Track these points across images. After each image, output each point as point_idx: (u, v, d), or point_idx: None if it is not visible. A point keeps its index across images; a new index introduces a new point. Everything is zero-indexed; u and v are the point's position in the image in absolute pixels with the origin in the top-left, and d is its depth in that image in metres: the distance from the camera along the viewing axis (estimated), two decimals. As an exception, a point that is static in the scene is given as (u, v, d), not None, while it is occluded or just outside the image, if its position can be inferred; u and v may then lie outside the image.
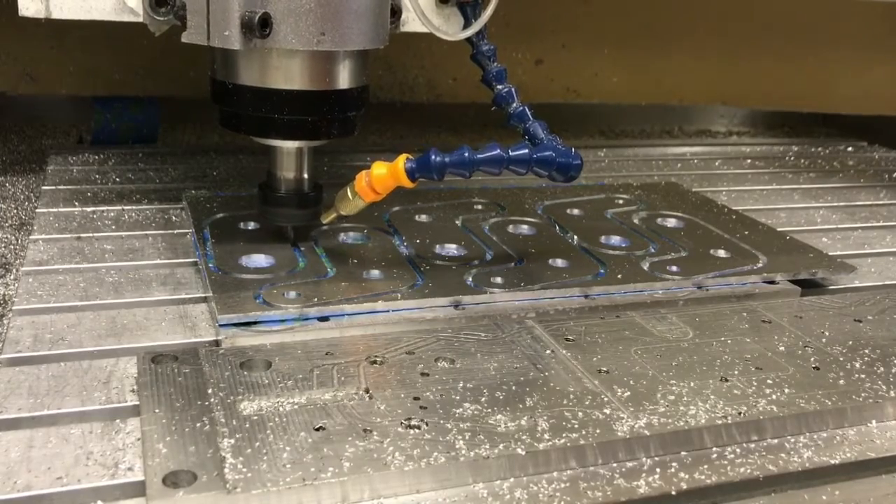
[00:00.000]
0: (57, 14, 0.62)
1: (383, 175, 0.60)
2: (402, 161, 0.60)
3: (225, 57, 0.62)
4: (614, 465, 0.44)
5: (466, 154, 0.60)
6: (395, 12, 0.68)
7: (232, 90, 0.62)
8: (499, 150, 0.60)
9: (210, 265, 0.63)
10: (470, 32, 0.68)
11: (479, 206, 0.81)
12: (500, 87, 0.70)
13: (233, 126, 0.64)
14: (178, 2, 0.61)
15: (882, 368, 0.54)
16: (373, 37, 0.62)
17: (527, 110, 0.68)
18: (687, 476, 0.43)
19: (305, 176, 0.67)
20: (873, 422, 0.50)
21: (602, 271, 0.67)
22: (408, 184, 0.60)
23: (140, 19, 0.62)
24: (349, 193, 0.63)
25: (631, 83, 1.26)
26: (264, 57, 0.60)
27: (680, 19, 1.23)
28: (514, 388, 0.49)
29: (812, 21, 1.26)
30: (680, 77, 1.27)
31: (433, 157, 0.59)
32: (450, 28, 0.71)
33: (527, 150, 0.61)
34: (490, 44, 0.70)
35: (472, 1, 0.70)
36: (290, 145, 0.65)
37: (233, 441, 0.42)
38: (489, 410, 0.46)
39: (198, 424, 0.43)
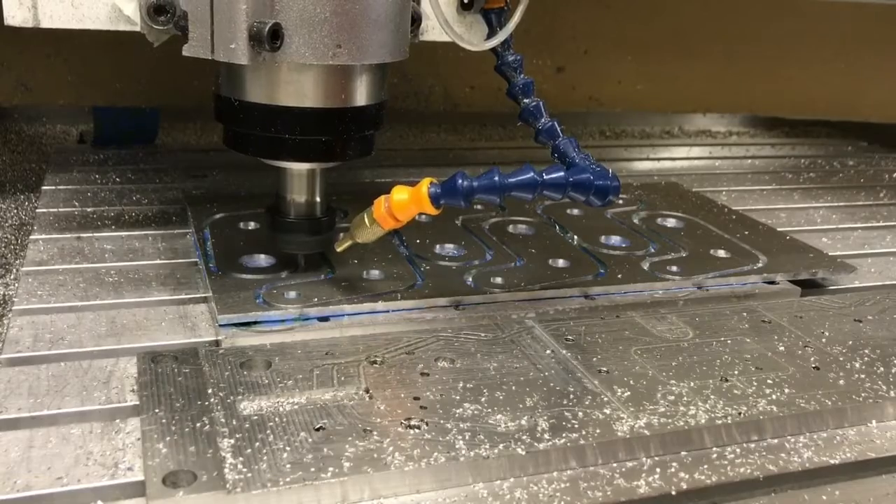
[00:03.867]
0: (46, 23, 0.58)
1: (405, 201, 0.55)
2: (425, 185, 0.55)
3: (230, 71, 0.58)
4: (614, 465, 0.44)
5: (497, 178, 0.55)
6: (414, 20, 0.63)
7: (238, 108, 0.58)
8: (532, 174, 0.56)
9: (210, 265, 0.63)
10: (495, 42, 0.64)
11: (479, 206, 0.81)
12: (526, 100, 0.65)
13: (239, 146, 0.60)
14: (178, 10, 0.56)
15: (882, 368, 0.54)
16: (393, 49, 0.57)
17: (556, 126, 0.64)
18: (687, 476, 0.43)
19: (318, 199, 0.62)
20: (873, 422, 0.50)
21: (602, 271, 0.67)
22: (432, 210, 0.55)
23: (137, 28, 0.58)
24: (366, 220, 0.58)
25: (655, 91, 1.22)
26: (274, 72, 0.56)
27: (705, 26, 1.21)
28: (514, 388, 0.49)
29: (841, 27, 1.23)
30: (705, 85, 1.24)
31: (460, 181, 0.54)
32: (473, 37, 0.66)
33: (562, 174, 0.56)
34: (516, 54, 0.66)
35: (498, 8, 0.65)
36: (301, 167, 0.61)
37: (233, 441, 0.42)
38: (489, 410, 0.46)
39: (198, 424, 0.43)
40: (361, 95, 0.58)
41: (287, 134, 0.57)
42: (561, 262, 0.68)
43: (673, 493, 0.42)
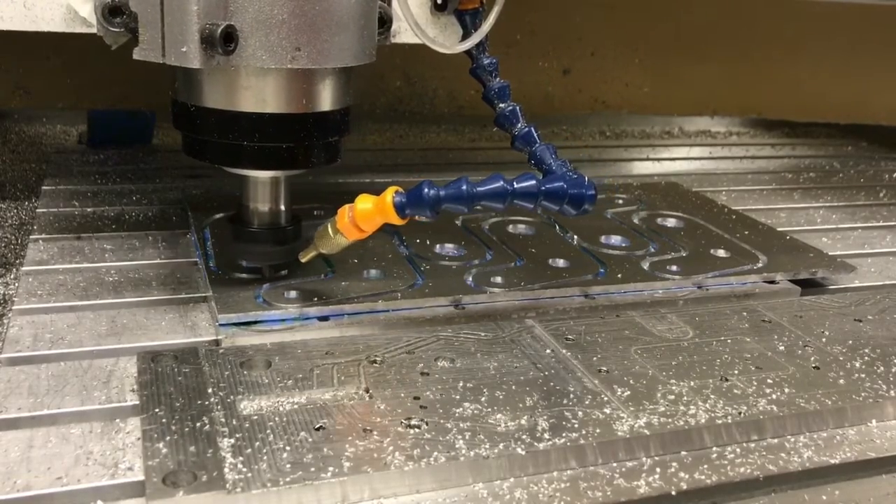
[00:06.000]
0: None
1: (369, 211, 0.54)
2: (390, 195, 0.53)
3: (186, 75, 0.55)
4: (614, 464, 0.44)
5: (464, 187, 0.54)
6: (385, 22, 0.60)
7: (195, 113, 0.55)
8: (502, 183, 0.54)
9: (210, 265, 0.63)
10: (468, 45, 0.62)
11: (479, 206, 0.81)
12: (502, 105, 0.64)
13: (197, 153, 0.58)
14: (131, 12, 0.53)
15: (882, 368, 0.54)
16: (357, 52, 0.55)
17: (533, 132, 0.63)
18: (687, 476, 0.43)
19: (282, 208, 0.60)
20: (873, 422, 0.50)
21: (602, 271, 0.67)
22: (397, 220, 0.54)
23: (94, 31, 0.55)
24: (330, 231, 0.56)
25: (662, 94, 1.22)
26: (231, 76, 0.53)
27: (713, 28, 1.20)
28: (514, 387, 0.49)
29: (849, 30, 1.22)
30: (713, 88, 1.23)
31: (426, 190, 0.53)
32: (446, 39, 0.64)
33: (534, 182, 0.55)
34: (491, 57, 0.64)
35: (472, 9, 0.63)
36: (263, 175, 0.59)
37: (233, 441, 0.42)
38: (489, 410, 0.46)
39: (198, 424, 0.43)
40: (324, 100, 0.56)
41: (246, 141, 0.55)
42: (561, 262, 0.68)
43: (673, 493, 0.42)
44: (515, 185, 0.55)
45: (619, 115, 1.32)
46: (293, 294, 0.59)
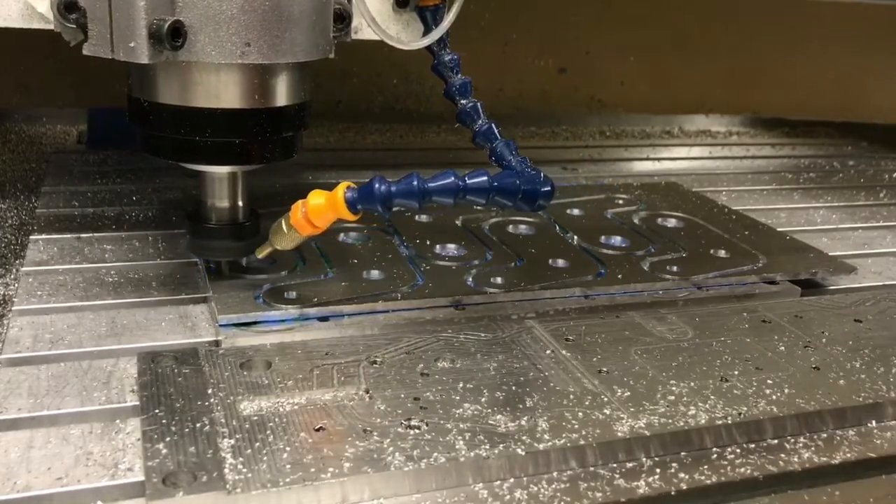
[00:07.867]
0: None
1: (321, 206, 0.54)
2: (341, 190, 0.54)
3: (139, 71, 0.55)
4: (614, 465, 0.44)
5: (415, 183, 0.54)
6: (344, 18, 0.59)
7: (148, 109, 0.55)
8: (453, 178, 0.54)
9: (210, 265, 0.63)
10: (427, 41, 0.62)
11: (479, 206, 0.81)
12: (463, 101, 0.64)
13: (153, 149, 0.58)
14: (83, 8, 0.52)
15: (882, 368, 0.54)
16: (309, 47, 0.55)
17: (494, 128, 0.63)
18: (687, 476, 0.43)
19: (240, 204, 0.60)
20: (873, 422, 0.50)
21: (602, 271, 0.67)
22: (349, 216, 0.54)
23: (52, 27, 0.54)
24: (284, 227, 0.56)
25: (658, 92, 1.22)
26: (183, 71, 0.53)
27: (708, 26, 1.20)
28: (514, 388, 0.49)
29: (845, 28, 1.22)
30: (708, 86, 1.24)
31: (377, 185, 0.53)
32: (408, 35, 0.63)
33: (486, 178, 0.55)
34: (453, 53, 0.64)
35: (433, 5, 0.62)
36: (219, 171, 0.58)
37: (233, 441, 0.42)
38: (489, 410, 0.46)
39: (198, 424, 0.43)
40: (278, 96, 0.56)
41: (199, 136, 0.55)
42: (561, 262, 0.68)
43: (673, 493, 0.42)
44: (467, 181, 0.55)
45: (619, 115, 1.31)
46: (293, 294, 0.59)
